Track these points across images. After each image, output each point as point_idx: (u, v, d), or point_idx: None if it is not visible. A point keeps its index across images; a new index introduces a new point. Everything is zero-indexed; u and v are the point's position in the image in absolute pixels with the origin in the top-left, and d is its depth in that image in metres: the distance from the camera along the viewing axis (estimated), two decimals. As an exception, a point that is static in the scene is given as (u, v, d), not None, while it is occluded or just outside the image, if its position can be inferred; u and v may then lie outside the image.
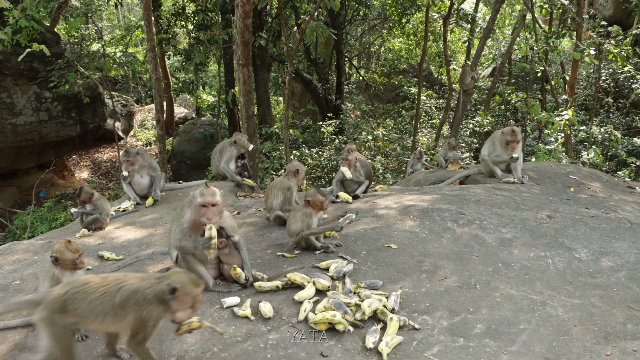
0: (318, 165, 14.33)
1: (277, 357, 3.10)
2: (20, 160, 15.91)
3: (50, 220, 12.40)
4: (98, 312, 2.85)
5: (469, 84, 12.34)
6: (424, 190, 6.47)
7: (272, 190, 5.40)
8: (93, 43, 21.14)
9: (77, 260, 3.50)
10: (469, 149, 15.55)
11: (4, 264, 4.78)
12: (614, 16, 18.42)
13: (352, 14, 20.66)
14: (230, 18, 14.83)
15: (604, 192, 6.54)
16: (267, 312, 3.46)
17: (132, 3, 31.05)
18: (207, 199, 3.76)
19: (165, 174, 7.88)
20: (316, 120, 19.29)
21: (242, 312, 3.49)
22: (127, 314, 2.84)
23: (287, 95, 12.19)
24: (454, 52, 25.23)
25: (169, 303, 2.83)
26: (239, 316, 3.49)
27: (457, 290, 3.82)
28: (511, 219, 5.03)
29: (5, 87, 14.72)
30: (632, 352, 3.16)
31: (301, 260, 4.36)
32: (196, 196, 3.81)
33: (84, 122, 16.61)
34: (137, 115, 24.57)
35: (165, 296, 2.82)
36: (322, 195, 4.48)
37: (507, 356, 3.11)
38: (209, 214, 3.77)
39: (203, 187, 3.85)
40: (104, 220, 6.02)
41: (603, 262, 4.27)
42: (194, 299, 2.88)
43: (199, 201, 3.77)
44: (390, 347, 3.12)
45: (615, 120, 15.41)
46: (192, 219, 3.86)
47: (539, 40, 13.91)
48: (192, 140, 19.03)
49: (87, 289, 2.89)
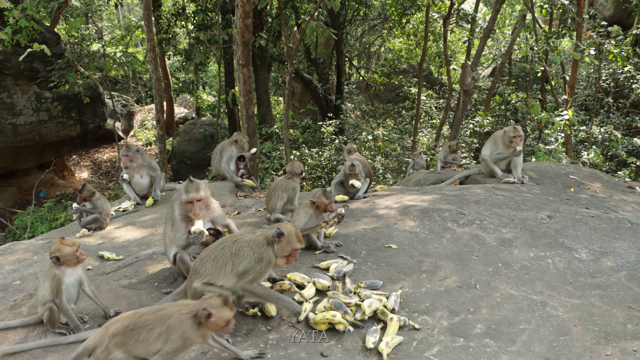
0: (318, 165, 14.32)
1: (277, 357, 3.10)
2: (20, 160, 15.92)
3: (50, 220, 12.40)
4: (220, 265, 3.34)
5: (469, 84, 12.34)
6: (424, 190, 6.47)
7: (275, 192, 5.37)
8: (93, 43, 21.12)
9: (77, 252, 3.51)
10: (469, 149, 15.55)
11: (4, 264, 4.79)
12: (614, 16, 18.42)
13: (352, 14, 20.66)
14: (230, 18, 14.82)
15: (604, 192, 6.54)
16: (271, 311, 3.48)
17: (132, 3, 31.06)
18: (191, 195, 3.80)
19: (165, 174, 7.89)
20: (316, 120, 19.29)
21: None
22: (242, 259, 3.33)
23: (287, 95, 12.19)
24: (454, 52, 25.22)
25: (274, 246, 3.34)
26: (246, 315, 3.49)
27: (457, 290, 3.82)
28: (511, 219, 5.03)
29: (5, 87, 14.72)
30: (632, 352, 3.16)
31: (301, 260, 4.36)
32: (181, 193, 3.86)
33: (84, 122, 16.61)
34: (137, 115, 24.57)
35: (273, 238, 3.33)
36: (327, 198, 4.46)
37: (507, 356, 3.11)
38: (195, 209, 3.81)
39: (187, 182, 3.89)
40: (104, 221, 6.02)
41: (603, 262, 4.27)
42: (292, 250, 3.39)
43: (183, 198, 3.82)
44: (390, 347, 3.12)
45: (616, 120, 15.40)
46: (183, 213, 3.91)
47: (539, 40, 13.90)
48: (192, 140, 19.03)
49: (209, 253, 3.43)
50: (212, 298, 2.78)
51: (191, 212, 3.83)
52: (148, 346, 2.66)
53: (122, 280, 4.19)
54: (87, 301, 3.77)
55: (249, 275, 3.31)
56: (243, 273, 3.32)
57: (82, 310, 3.72)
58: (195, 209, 3.81)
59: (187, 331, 2.70)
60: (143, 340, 2.65)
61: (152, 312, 2.74)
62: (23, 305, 3.87)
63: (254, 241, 3.37)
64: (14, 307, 3.85)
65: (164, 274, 4.23)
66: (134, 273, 4.32)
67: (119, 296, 3.93)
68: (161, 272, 4.28)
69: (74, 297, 3.57)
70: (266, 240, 3.36)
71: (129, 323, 2.68)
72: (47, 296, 3.46)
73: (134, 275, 4.28)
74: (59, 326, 3.50)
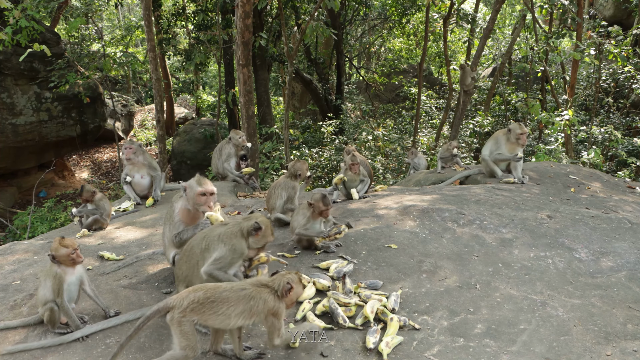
0: (318, 165, 14.32)
1: (277, 357, 3.10)
2: (20, 160, 15.91)
3: (51, 221, 12.40)
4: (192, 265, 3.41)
5: (469, 84, 12.34)
6: (424, 190, 6.47)
7: (275, 190, 5.38)
8: (93, 43, 21.13)
9: (73, 254, 3.47)
10: (469, 149, 15.55)
11: (4, 264, 4.79)
12: (614, 16, 18.42)
13: (352, 14, 20.66)
14: (230, 18, 14.82)
15: (604, 192, 6.54)
16: None
17: (132, 3, 31.06)
18: (207, 188, 3.79)
19: (165, 174, 7.90)
20: (316, 120, 19.29)
21: None
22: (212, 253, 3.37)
23: (287, 95, 12.19)
24: (454, 52, 25.22)
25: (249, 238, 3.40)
26: None
27: (457, 290, 3.82)
28: (511, 219, 5.03)
29: (5, 87, 14.73)
30: (632, 352, 3.16)
31: (301, 260, 4.37)
32: (193, 186, 3.81)
33: (84, 122, 16.61)
34: (137, 115, 24.57)
35: (250, 231, 3.39)
36: (325, 205, 4.44)
37: (507, 356, 3.11)
38: (209, 201, 3.78)
39: (198, 177, 3.88)
40: (105, 221, 6.01)
41: (603, 262, 4.27)
42: (265, 243, 3.48)
43: (198, 190, 3.77)
44: (390, 347, 3.12)
45: (616, 120, 15.39)
46: (184, 208, 3.86)
47: (539, 40, 13.90)
48: (192, 140, 19.03)
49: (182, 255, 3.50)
50: (290, 274, 3.05)
51: (204, 204, 3.78)
52: (226, 320, 2.88)
53: (122, 280, 4.19)
54: (87, 301, 3.77)
55: (219, 262, 3.35)
56: (214, 261, 3.35)
57: (82, 310, 3.72)
58: (209, 201, 3.79)
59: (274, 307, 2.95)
60: (222, 314, 2.86)
61: (234, 289, 2.93)
62: (23, 305, 3.87)
63: (224, 233, 3.40)
64: (14, 307, 3.85)
65: (164, 274, 4.23)
66: (134, 273, 4.32)
67: (119, 296, 3.93)
68: (161, 272, 4.28)
69: (75, 296, 3.57)
70: (240, 231, 3.39)
71: (210, 295, 2.87)
72: (48, 296, 3.46)
73: (134, 275, 4.28)
74: (59, 326, 3.50)
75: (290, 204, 5.33)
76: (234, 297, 2.89)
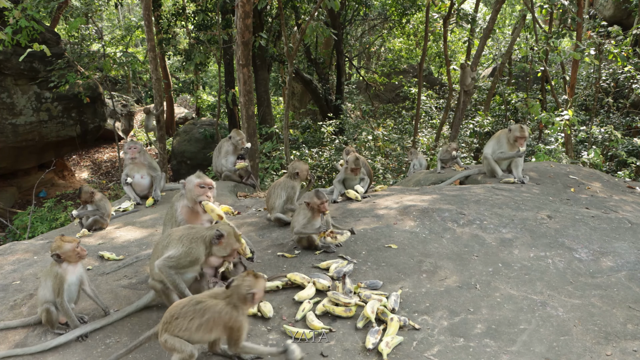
0: (318, 165, 14.32)
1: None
2: (20, 160, 15.90)
3: (51, 221, 12.40)
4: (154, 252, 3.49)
5: (470, 84, 12.34)
6: (424, 190, 6.47)
7: (274, 190, 5.39)
8: (93, 43, 21.11)
9: (78, 248, 3.52)
10: (469, 149, 15.54)
11: (4, 264, 4.79)
12: (614, 16, 18.41)
13: (352, 14, 20.65)
14: (230, 18, 14.82)
15: (604, 192, 6.54)
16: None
17: (132, 3, 31.04)
18: (205, 180, 3.93)
19: (165, 174, 7.92)
20: (316, 120, 19.28)
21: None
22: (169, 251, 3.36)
23: (287, 95, 12.19)
24: (454, 52, 25.21)
25: (212, 247, 3.36)
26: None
27: (457, 290, 3.82)
28: (511, 219, 5.03)
29: (5, 87, 14.71)
30: (632, 352, 3.16)
31: (301, 260, 4.36)
32: (192, 179, 3.95)
33: (84, 122, 16.60)
34: (137, 115, 24.55)
35: (213, 240, 3.35)
36: (319, 198, 4.44)
37: (507, 356, 3.11)
38: (207, 192, 3.89)
39: (198, 172, 4.03)
40: (105, 221, 6.02)
41: (603, 262, 4.27)
42: (232, 250, 3.39)
43: (197, 181, 3.91)
44: (390, 347, 3.12)
45: (616, 120, 15.39)
46: (186, 206, 3.96)
47: (539, 40, 13.89)
48: (192, 140, 19.02)
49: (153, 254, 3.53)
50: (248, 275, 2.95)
51: (202, 194, 3.87)
52: (191, 335, 2.85)
53: (122, 280, 4.20)
54: (87, 301, 3.77)
55: (171, 260, 3.34)
56: (167, 257, 3.36)
57: (82, 310, 3.72)
58: (207, 191, 3.88)
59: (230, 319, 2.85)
60: (186, 329, 2.84)
61: (191, 303, 2.90)
62: (23, 305, 3.87)
63: (186, 235, 3.41)
64: (14, 307, 3.86)
65: (164, 274, 4.22)
66: (134, 273, 4.32)
67: (119, 296, 3.93)
68: (161, 272, 4.27)
69: (75, 296, 3.57)
70: (202, 238, 3.39)
71: (175, 312, 2.88)
72: (47, 296, 3.46)
73: (134, 275, 4.28)
74: (59, 326, 3.50)
75: (290, 204, 5.33)
76: (191, 311, 2.86)
